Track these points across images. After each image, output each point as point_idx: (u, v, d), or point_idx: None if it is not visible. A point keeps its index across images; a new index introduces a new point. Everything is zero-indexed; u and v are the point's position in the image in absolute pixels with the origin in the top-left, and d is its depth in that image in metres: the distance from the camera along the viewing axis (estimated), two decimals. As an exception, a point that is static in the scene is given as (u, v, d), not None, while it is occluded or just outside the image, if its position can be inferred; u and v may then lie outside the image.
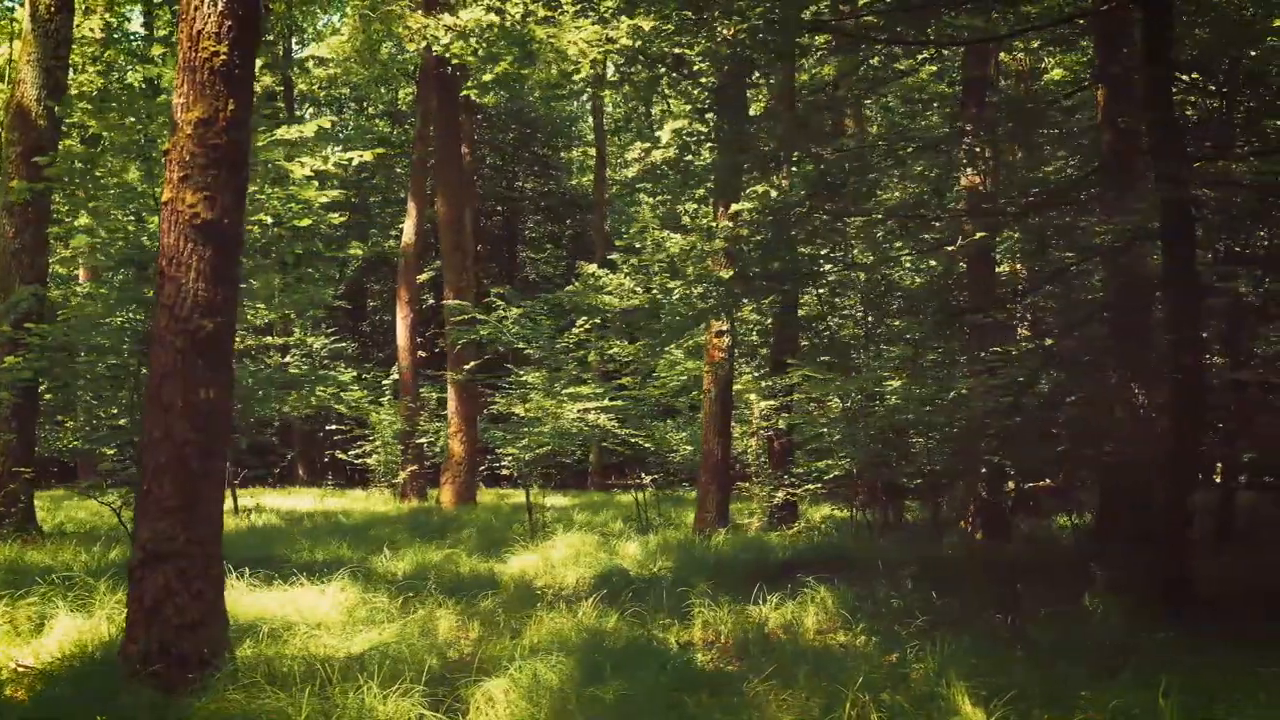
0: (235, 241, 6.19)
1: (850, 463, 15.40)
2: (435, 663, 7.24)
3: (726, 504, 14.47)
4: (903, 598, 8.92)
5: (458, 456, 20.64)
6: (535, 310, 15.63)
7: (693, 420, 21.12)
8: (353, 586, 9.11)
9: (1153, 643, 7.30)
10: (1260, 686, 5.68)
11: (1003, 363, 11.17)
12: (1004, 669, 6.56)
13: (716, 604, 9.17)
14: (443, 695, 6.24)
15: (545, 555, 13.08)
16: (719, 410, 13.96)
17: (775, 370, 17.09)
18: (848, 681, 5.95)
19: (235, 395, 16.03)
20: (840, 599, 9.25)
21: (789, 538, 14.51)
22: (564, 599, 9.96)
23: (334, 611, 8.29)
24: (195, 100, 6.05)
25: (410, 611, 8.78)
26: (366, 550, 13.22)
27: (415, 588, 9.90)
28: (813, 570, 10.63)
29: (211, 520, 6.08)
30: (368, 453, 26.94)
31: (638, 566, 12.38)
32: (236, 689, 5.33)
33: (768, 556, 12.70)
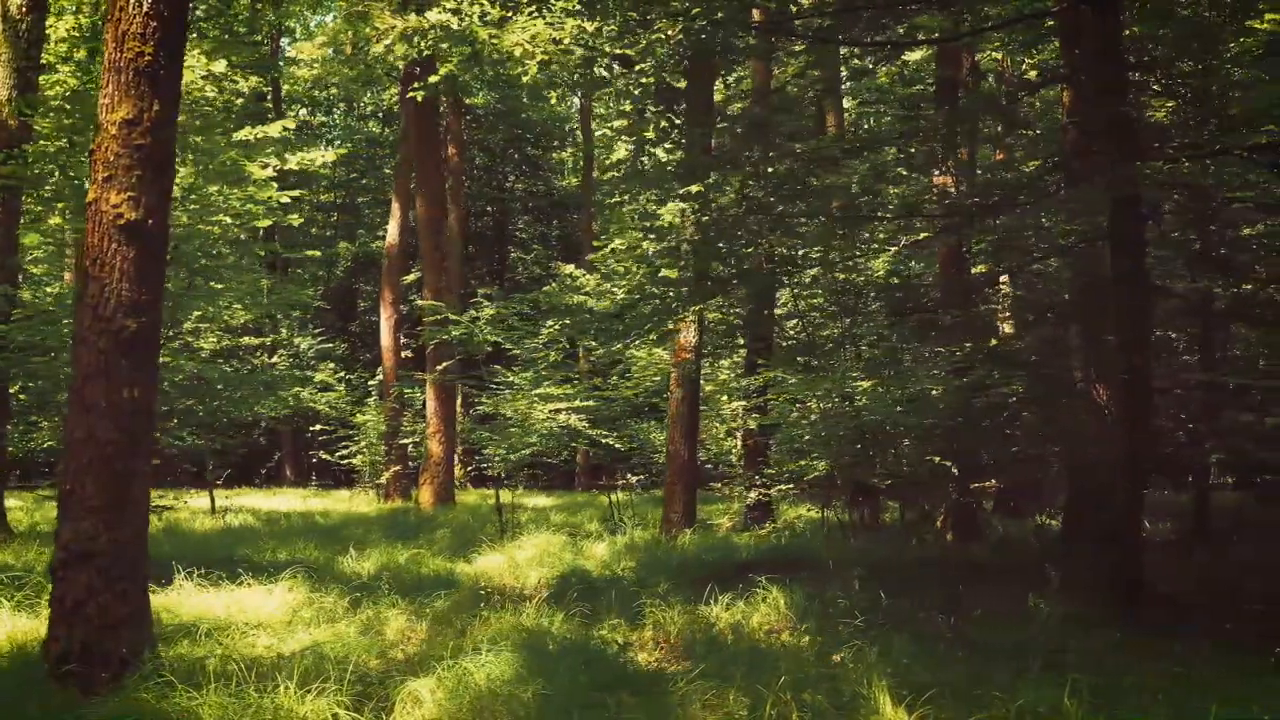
0: (160, 242, 6.20)
1: (824, 463, 15.41)
2: (376, 663, 7.28)
3: (693, 505, 14.46)
4: (849, 598, 8.91)
5: (436, 457, 20.65)
6: (509, 311, 15.62)
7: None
8: (301, 587, 9.11)
9: (1089, 643, 7.30)
10: (1180, 688, 5.68)
11: (966, 363, 11.19)
12: (934, 668, 6.57)
13: (669, 604, 9.18)
14: (371, 694, 6.27)
15: (511, 556, 13.09)
16: (686, 411, 13.96)
17: (750, 370, 17.12)
18: (770, 682, 5.95)
19: (208, 397, 16.18)
20: (791, 599, 9.25)
21: (757, 538, 14.51)
22: (518, 600, 9.97)
23: (278, 611, 8.30)
24: (120, 101, 6.06)
25: (360, 612, 8.80)
26: (334, 551, 13.23)
27: (371, 588, 9.93)
28: (774, 571, 10.63)
29: (136, 520, 6.09)
30: (353, 454, 26.95)
31: (601, 567, 12.39)
32: (147, 689, 5.33)
33: (731, 557, 12.71)
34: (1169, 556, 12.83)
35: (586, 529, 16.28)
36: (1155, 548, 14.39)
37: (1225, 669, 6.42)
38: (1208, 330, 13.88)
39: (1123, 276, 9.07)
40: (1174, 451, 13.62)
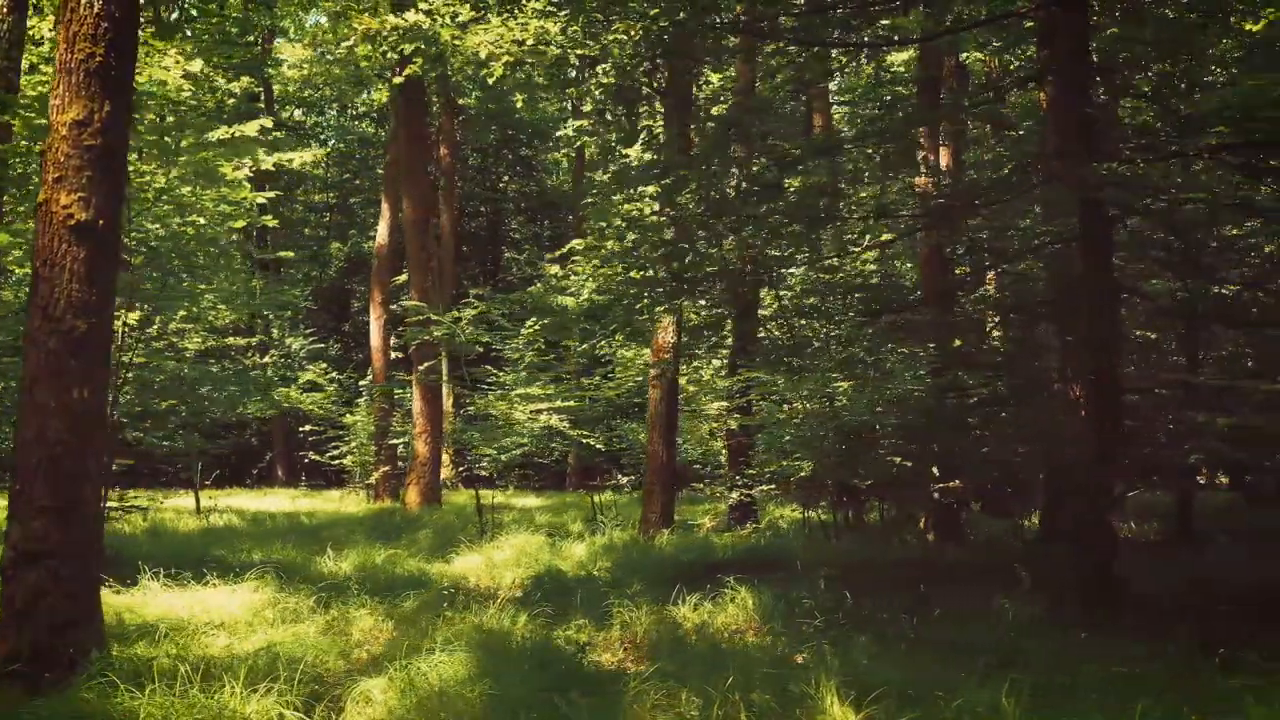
0: (111, 242, 6.21)
1: (805, 464, 15.42)
2: (336, 663, 7.29)
3: (671, 505, 14.47)
4: (815, 599, 8.92)
5: (422, 457, 20.66)
6: (490, 311, 15.63)
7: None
8: (267, 587, 9.11)
9: (1046, 643, 7.30)
10: (1120, 688, 5.68)
11: (938, 364, 11.19)
12: (892, 668, 6.57)
13: (637, 605, 9.19)
14: (323, 694, 6.29)
15: (489, 557, 13.11)
16: (665, 411, 13.96)
17: (733, 371, 17.11)
18: (717, 683, 5.96)
19: (190, 397, 16.18)
20: (759, 600, 9.26)
21: (737, 539, 14.51)
22: (489, 600, 9.98)
23: (241, 612, 8.31)
24: (70, 101, 6.08)
25: (327, 612, 8.81)
26: (313, 551, 13.24)
27: (342, 588, 9.93)
28: (748, 571, 10.66)
29: (86, 520, 6.10)
30: (343, 454, 26.96)
31: (576, 568, 12.40)
32: (90, 689, 5.34)
33: (708, 557, 12.71)
34: (1150, 556, 12.86)
35: (570, 529, 16.30)
36: (1139, 548, 14.43)
37: (1175, 669, 6.42)
38: (1193, 330, 13.87)
39: (1089, 277, 9.07)
40: (1153, 452, 13.59)
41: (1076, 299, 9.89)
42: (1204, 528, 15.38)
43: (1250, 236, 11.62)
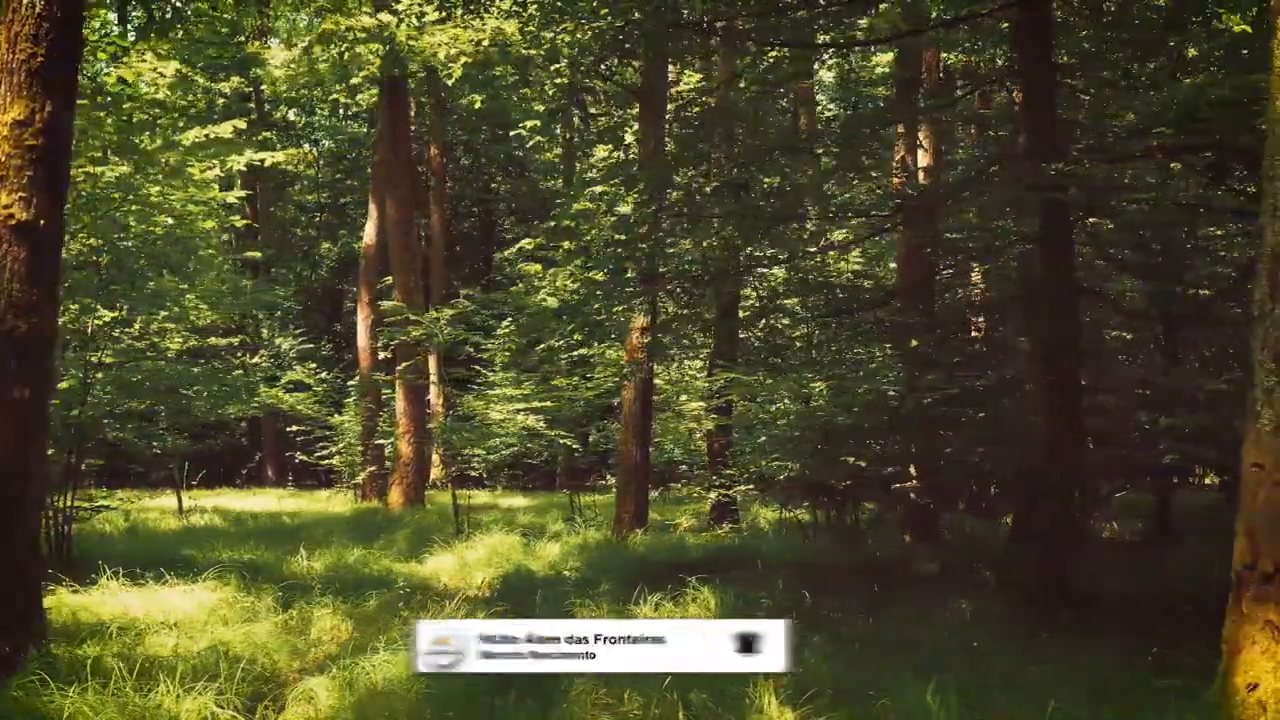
0: (53, 242, 6.23)
1: (783, 464, 15.43)
2: (288, 661, 7.32)
3: (645, 505, 14.48)
4: (774, 598, 8.93)
5: (405, 457, 20.67)
6: (465, 310, 15.65)
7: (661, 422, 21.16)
8: (226, 587, 9.12)
9: (992, 643, 7.32)
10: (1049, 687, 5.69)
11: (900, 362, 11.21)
12: (835, 667, 6.58)
13: (597, 604, 9.20)
14: (268, 692, 6.31)
15: (462, 556, 13.10)
16: (638, 411, 13.98)
17: (712, 369, 17.13)
18: (654, 682, 5.98)
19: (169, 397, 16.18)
20: (720, 599, 9.28)
21: (713, 538, 14.52)
22: (449, 600, 10.00)
23: (198, 611, 8.32)
24: (12, 101, 6.09)
25: (288, 612, 8.81)
26: (286, 551, 13.24)
27: (307, 588, 9.93)
28: (717, 571, 10.68)
29: (25, 521, 6.11)
30: (331, 454, 26.97)
31: (547, 568, 12.41)
32: (21, 688, 5.35)
33: (680, 557, 12.69)
34: (1126, 557, 12.85)
35: (550, 529, 16.31)
36: (1118, 548, 14.43)
37: (1111, 669, 6.44)
38: (1173, 331, 13.87)
39: (1050, 278, 9.09)
40: (1127, 453, 13.61)
41: (1039, 298, 9.90)
42: (1183, 528, 15.41)
43: (1225, 238, 11.64)
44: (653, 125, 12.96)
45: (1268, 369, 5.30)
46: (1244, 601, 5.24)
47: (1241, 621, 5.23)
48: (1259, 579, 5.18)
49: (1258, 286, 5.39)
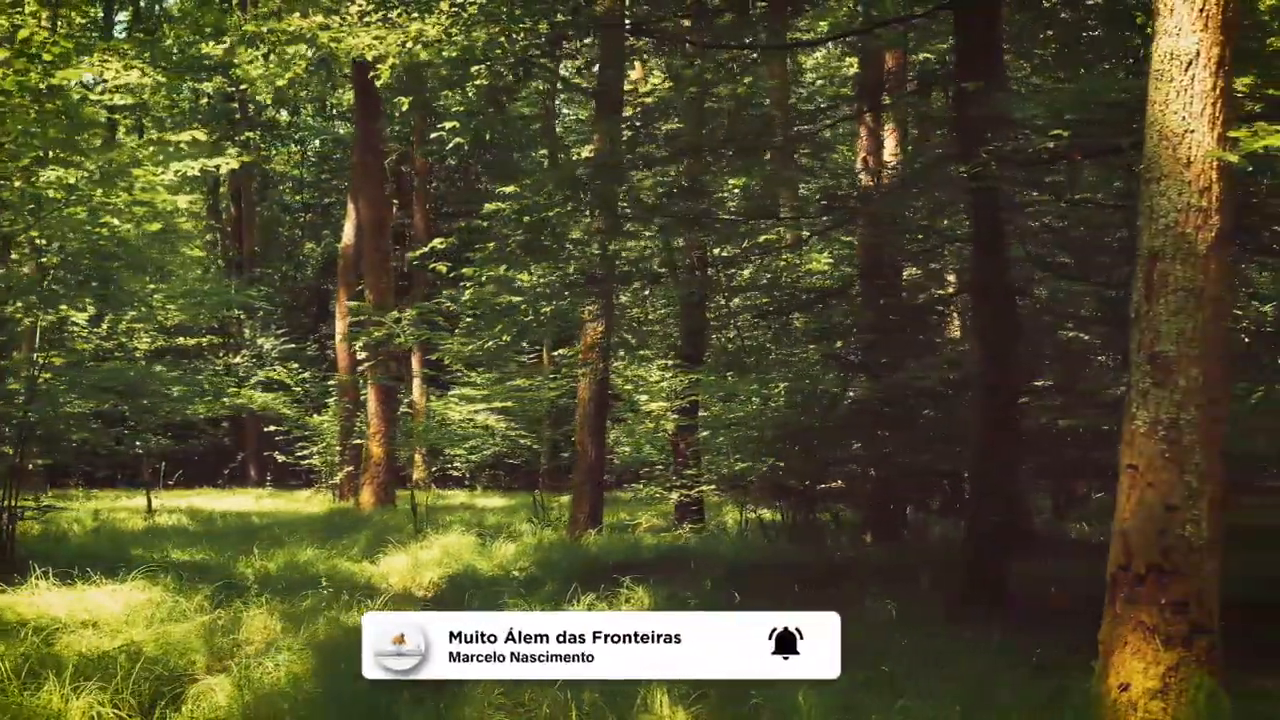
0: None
1: (745, 464, 15.47)
2: (205, 661, 7.37)
3: (600, 504, 14.52)
4: (699, 597, 8.97)
5: (376, 458, 20.71)
6: (430, 311, 15.69)
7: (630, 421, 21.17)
8: (156, 586, 9.15)
9: (911, 642, 7.35)
10: (938, 685, 5.73)
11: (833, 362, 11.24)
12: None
13: (529, 604, 9.24)
14: (169, 692, 6.34)
15: (416, 556, 13.12)
16: (594, 411, 14.00)
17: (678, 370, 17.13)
18: (550, 682, 5.99)
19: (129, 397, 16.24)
20: (654, 599, 9.31)
21: (671, 539, 14.55)
22: (390, 599, 10.03)
23: (123, 611, 8.35)
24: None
25: (218, 611, 8.83)
26: (241, 551, 13.27)
27: (244, 588, 9.95)
28: (663, 572, 10.76)
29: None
30: (310, 454, 27.02)
31: (497, 568, 12.44)
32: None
33: (633, 557, 12.69)
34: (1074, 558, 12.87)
35: (517, 529, 16.33)
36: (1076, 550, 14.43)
37: (1004, 669, 6.49)
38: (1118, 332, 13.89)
39: (982, 282, 9.11)
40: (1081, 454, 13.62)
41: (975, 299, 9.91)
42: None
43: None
44: (608, 125, 12.98)
45: (1143, 370, 5.32)
46: (1118, 603, 5.26)
47: (1115, 623, 5.26)
48: (1132, 580, 5.20)
49: (1135, 288, 5.42)
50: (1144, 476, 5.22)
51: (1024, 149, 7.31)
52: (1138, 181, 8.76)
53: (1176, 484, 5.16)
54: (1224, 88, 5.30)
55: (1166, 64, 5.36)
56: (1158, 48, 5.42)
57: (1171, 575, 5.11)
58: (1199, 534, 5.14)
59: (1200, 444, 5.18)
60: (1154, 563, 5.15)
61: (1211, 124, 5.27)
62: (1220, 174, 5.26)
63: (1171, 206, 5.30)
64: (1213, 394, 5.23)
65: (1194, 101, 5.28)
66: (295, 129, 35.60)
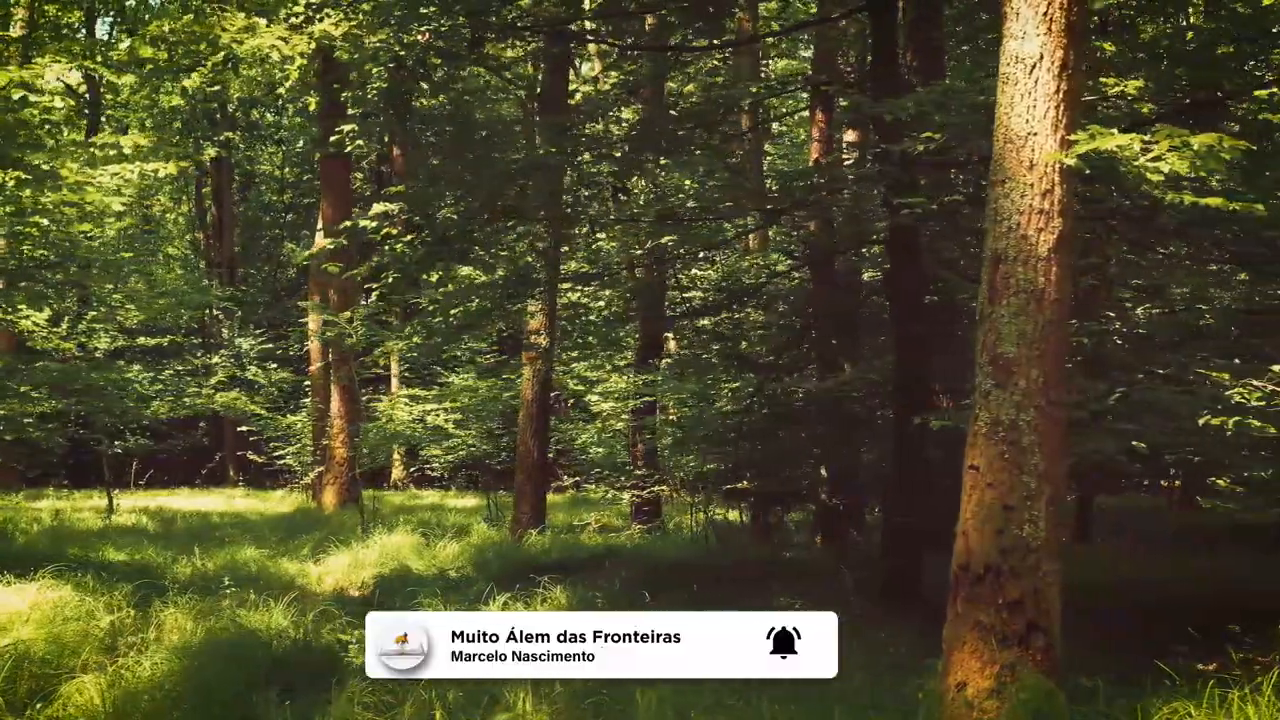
0: None
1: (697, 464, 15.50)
2: (97, 658, 7.40)
3: (543, 504, 14.53)
4: (606, 596, 9.03)
5: (339, 458, 20.75)
6: (380, 312, 15.73)
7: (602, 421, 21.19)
8: (65, 585, 9.18)
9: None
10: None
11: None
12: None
13: (447, 604, 9.29)
14: (44, 690, 6.40)
15: (357, 556, 13.14)
16: (536, 411, 14.03)
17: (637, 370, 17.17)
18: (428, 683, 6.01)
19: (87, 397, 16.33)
20: (569, 598, 9.36)
21: (617, 539, 14.56)
22: (311, 600, 10.08)
23: (26, 609, 8.37)
24: None
25: (126, 610, 8.84)
26: (182, 550, 13.29)
27: (164, 588, 9.95)
28: (584, 572, 10.82)
29: None
30: (284, 454, 27.06)
31: (433, 567, 12.49)
32: None
33: (570, 556, 12.72)
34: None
35: (472, 529, 16.32)
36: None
37: (884, 669, 6.52)
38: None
39: (896, 284, 9.15)
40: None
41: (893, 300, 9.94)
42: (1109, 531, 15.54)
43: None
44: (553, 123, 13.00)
45: (985, 371, 5.35)
46: (959, 602, 5.29)
47: (956, 622, 5.28)
48: (971, 580, 5.23)
49: (980, 291, 5.45)
50: (984, 477, 5.25)
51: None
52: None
53: (1015, 485, 5.19)
54: (1068, 91, 5.32)
55: (1012, 67, 5.39)
56: (1004, 51, 5.45)
57: (1008, 575, 5.14)
58: (1036, 534, 5.17)
59: (1039, 445, 5.20)
60: (992, 563, 5.17)
61: (1054, 127, 5.29)
62: (1063, 177, 5.29)
63: (1014, 209, 5.32)
64: (1053, 395, 5.26)
65: (1037, 105, 5.31)
66: (276, 129, 35.66)
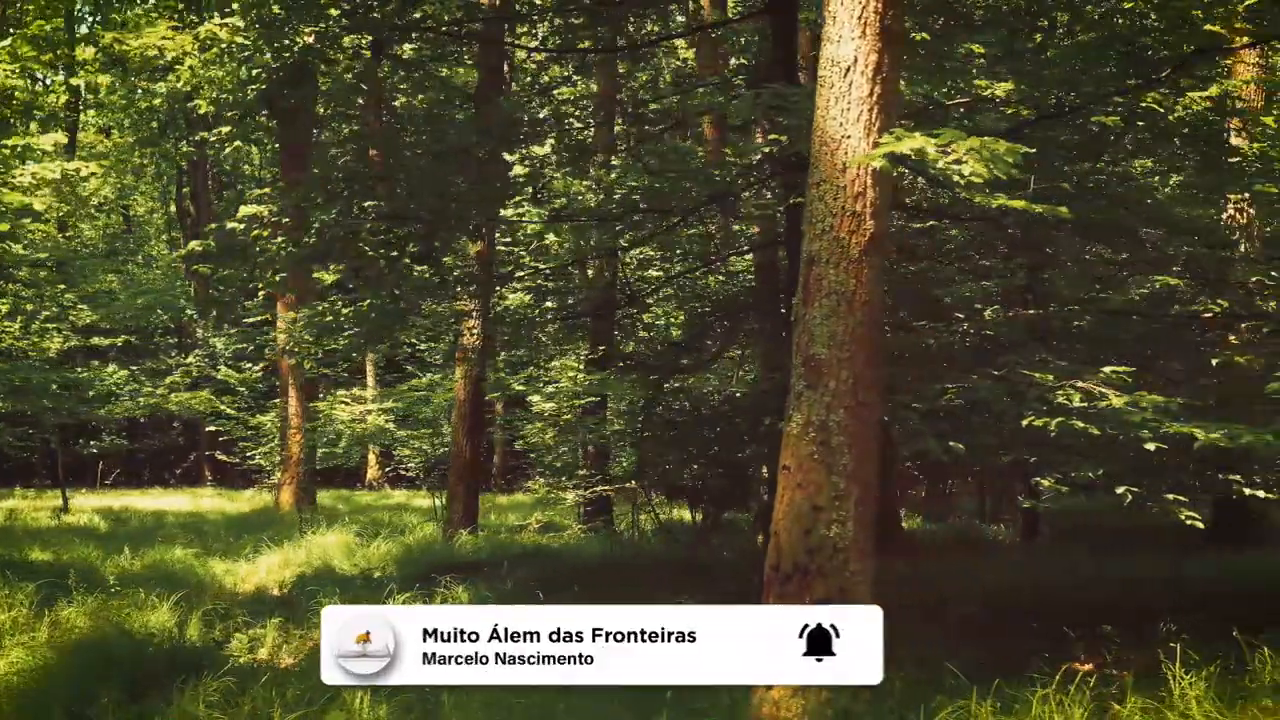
0: None
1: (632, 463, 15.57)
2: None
3: (475, 504, 14.60)
4: (497, 594, 9.10)
5: (296, 457, 20.81)
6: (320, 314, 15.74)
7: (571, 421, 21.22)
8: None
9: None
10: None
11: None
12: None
13: (357, 602, 9.36)
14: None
15: (286, 556, 13.23)
16: (469, 411, 14.09)
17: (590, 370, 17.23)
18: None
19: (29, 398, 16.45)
20: (469, 596, 9.45)
21: (548, 540, 14.61)
22: (227, 600, 10.17)
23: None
24: None
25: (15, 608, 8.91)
26: (121, 550, 13.35)
27: (69, 588, 10.00)
28: (494, 570, 10.91)
29: None
30: (254, 454, 27.17)
31: (356, 567, 12.55)
32: None
33: (495, 555, 12.73)
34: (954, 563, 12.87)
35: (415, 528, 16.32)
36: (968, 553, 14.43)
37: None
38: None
39: (763, 282, 9.19)
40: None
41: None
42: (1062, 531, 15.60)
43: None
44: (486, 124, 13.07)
45: (798, 373, 5.40)
46: (770, 601, 5.33)
47: (768, 621, 5.32)
48: (781, 579, 5.28)
49: (796, 293, 5.49)
50: (794, 477, 5.30)
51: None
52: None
53: (825, 485, 5.23)
54: (881, 94, 5.36)
55: (828, 70, 5.43)
56: (822, 54, 5.49)
57: (815, 574, 5.18)
58: (844, 534, 5.21)
59: (849, 446, 5.25)
60: (800, 562, 5.22)
61: (868, 130, 5.33)
62: (875, 180, 5.33)
63: (828, 211, 5.37)
64: (864, 397, 5.31)
65: (851, 108, 5.35)
66: (251, 128, 35.70)
